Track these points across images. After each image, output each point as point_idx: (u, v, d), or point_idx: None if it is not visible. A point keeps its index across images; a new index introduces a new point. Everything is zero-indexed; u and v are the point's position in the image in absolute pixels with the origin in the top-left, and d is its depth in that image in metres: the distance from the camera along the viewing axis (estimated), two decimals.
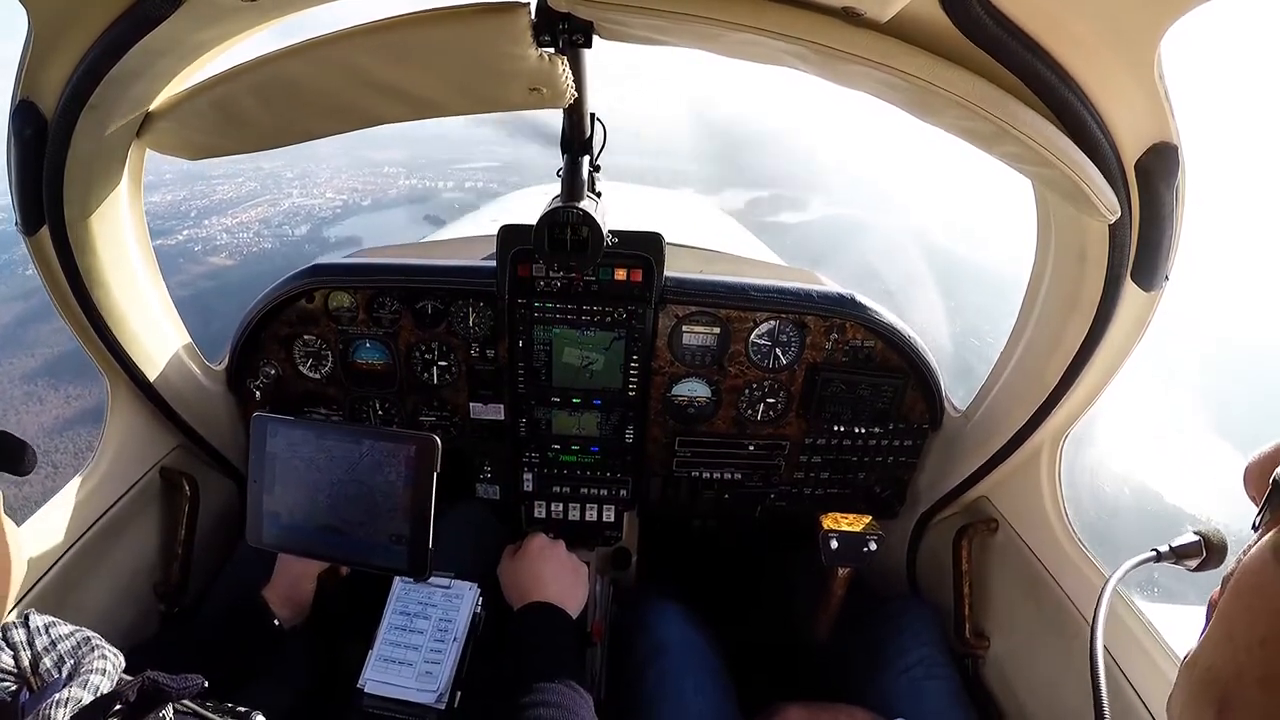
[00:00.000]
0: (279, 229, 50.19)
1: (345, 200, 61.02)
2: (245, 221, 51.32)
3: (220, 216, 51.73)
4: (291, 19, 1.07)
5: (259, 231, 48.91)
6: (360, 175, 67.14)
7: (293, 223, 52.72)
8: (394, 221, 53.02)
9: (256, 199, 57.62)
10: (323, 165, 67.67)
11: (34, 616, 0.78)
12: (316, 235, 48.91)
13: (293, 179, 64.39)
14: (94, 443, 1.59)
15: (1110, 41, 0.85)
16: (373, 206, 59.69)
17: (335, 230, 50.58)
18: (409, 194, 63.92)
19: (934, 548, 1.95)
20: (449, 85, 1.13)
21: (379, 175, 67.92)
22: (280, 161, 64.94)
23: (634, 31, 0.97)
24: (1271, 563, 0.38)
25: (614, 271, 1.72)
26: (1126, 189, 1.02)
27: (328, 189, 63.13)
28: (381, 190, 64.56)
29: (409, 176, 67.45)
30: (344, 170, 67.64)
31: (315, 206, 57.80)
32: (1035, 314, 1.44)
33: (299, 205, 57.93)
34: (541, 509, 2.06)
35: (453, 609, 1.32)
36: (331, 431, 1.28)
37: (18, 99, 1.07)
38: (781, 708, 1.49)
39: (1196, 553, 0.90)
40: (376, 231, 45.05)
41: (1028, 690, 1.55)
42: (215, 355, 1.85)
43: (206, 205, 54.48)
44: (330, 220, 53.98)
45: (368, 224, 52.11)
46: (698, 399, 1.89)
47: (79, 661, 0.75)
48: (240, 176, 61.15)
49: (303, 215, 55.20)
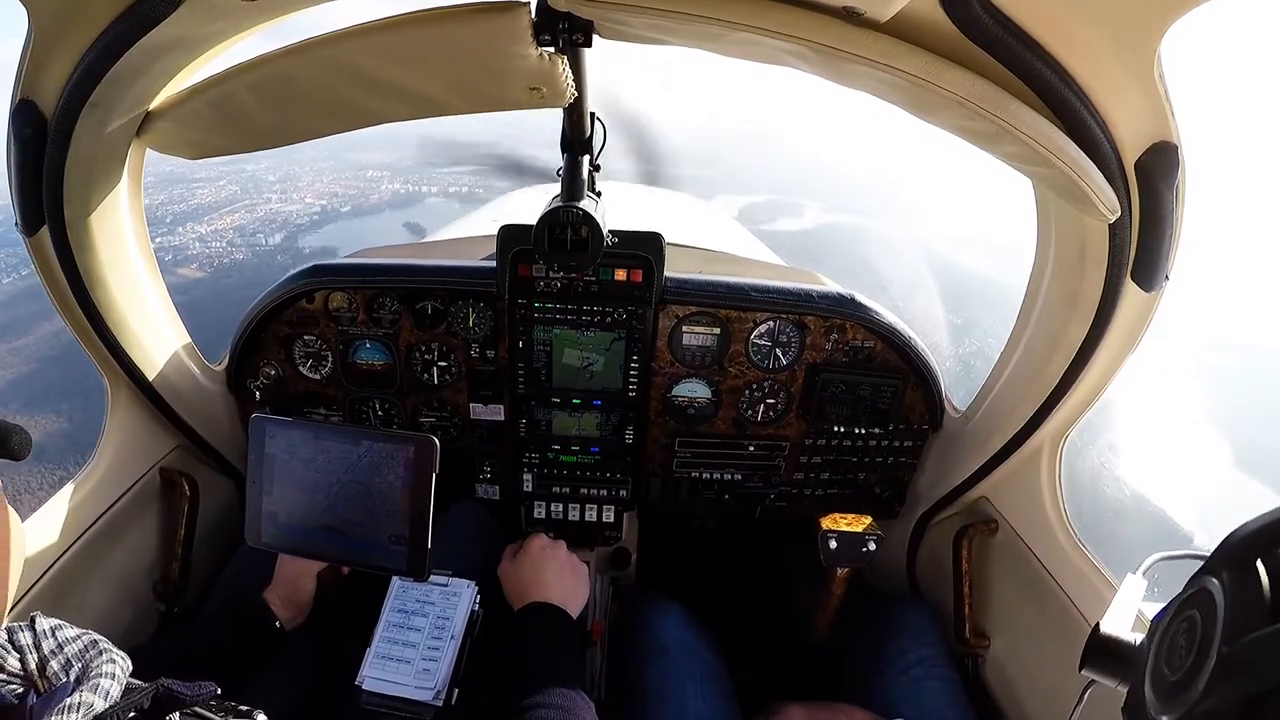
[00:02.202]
0: (253, 237, 49.80)
1: (325, 205, 60.59)
2: (220, 229, 50.92)
3: (195, 223, 51.30)
4: (291, 19, 1.07)
5: (232, 240, 48.51)
6: (343, 179, 66.72)
7: (268, 230, 52.24)
8: (372, 229, 52.67)
9: (235, 204, 57.19)
10: (306, 168, 67.11)
11: (40, 619, 0.78)
12: (291, 244, 48.52)
13: (274, 182, 63.89)
14: (93, 443, 1.59)
15: (1110, 41, 0.85)
16: (352, 213, 59.32)
17: (310, 239, 50.15)
18: (391, 199, 63.52)
19: (934, 548, 1.95)
20: (449, 85, 1.13)
21: (362, 179, 67.53)
22: (264, 164, 64.55)
23: (634, 31, 0.97)
24: None
25: (614, 272, 1.72)
26: (1126, 188, 1.02)
27: (308, 193, 62.72)
28: (363, 195, 64.17)
29: (393, 180, 67.08)
30: (327, 173, 67.20)
31: (293, 213, 57.24)
32: (1035, 314, 1.44)
33: (276, 211, 57.34)
34: (541, 509, 2.05)
35: (450, 607, 1.32)
36: (330, 432, 1.28)
37: (18, 98, 1.07)
38: (781, 708, 1.49)
39: None
40: (353, 240, 44.61)
41: (1028, 690, 1.55)
42: (215, 355, 1.85)
43: (183, 210, 54.02)
44: (307, 228, 53.55)
45: (345, 231, 51.72)
46: (698, 399, 1.89)
47: (87, 665, 0.74)
48: (222, 180, 60.73)
49: (279, 222, 54.71)
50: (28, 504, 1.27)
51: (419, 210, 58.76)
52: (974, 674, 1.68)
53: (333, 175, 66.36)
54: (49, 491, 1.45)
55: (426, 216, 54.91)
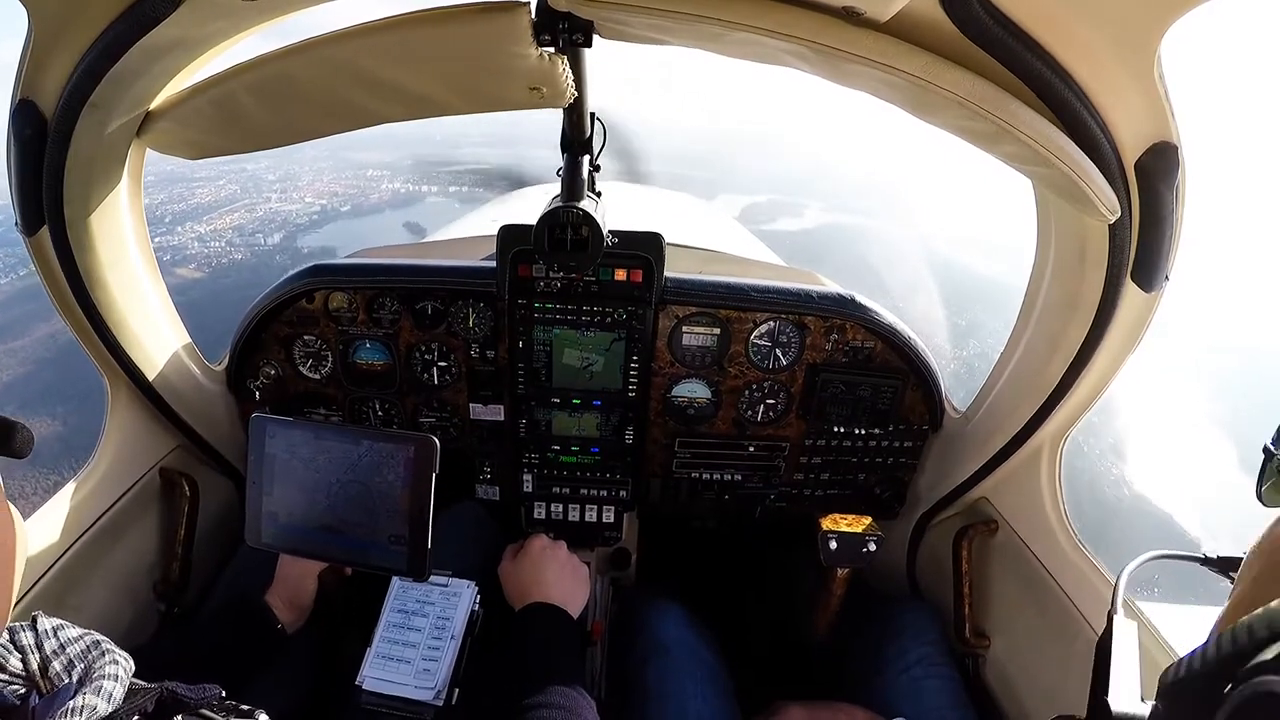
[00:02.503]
0: (252, 237, 49.48)
1: (324, 205, 60.07)
2: (219, 229, 50.52)
3: (195, 223, 50.89)
4: (291, 18, 1.07)
5: (231, 240, 48.11)
6: (343, 178, 66.19)
7: (267, 230, 51.86)
8: (371, 229, 52.04)
9: (235, 203, 56.73)
10: (305, 167, 66.53)
11: (42, 619, 0.78)
12: (290, 244, 48.17)
13: (274, 181, 63.42)
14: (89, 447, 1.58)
15: (1110, 41, 0.85)
16: (352, 212, 58.74)
17: (309, 239, 49.84)
18: (391, 198, 62.97)
19: (934, 548, 1.95)
20: (449, 85, 1.13)
21: (362, 178, 67.03)
22: (264, 163, 64.19)
23: (634, 31, 0.97)
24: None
25: (614, 272, 1.72)
26: (1126, 189, 1.02)
27: (308, 193, 62.24)
28: (363, 194, 63.69)
29: (393, 180, 66.68)
30: (327, 173, 66.67)
31: (292, 212, 56.74)
32: (1035, 314, 1.44)
33: (276, 210, 56.85)
34: (541, 510, 2.05)
35: (450, 607, 1.32)
36: (330, 432, 1.28)
37: (18, 99, 1.07)
38: (781, 707, 1.49)
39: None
40: (352, 240, 44.14)
41: (1028, 690, 1.55)
42: (215, 355, 1.85)
43: (183, 210, 53.51)
44: (306, 228, 53.15)
45: (345, 231, 51.13)
46: (697, 400, 1.89)
47: (89, 666, 0.74)
48: (222, 179, 60.30)
49: (278, 222, 54.30)
50: (23, 509, 1.26)
51: (419, 210, 58.40)
52: (974, 674, 1.68)
53: (332, 174, 65.99)
54: (43, 497, 1.44)
55: (427, 216, 54.50)
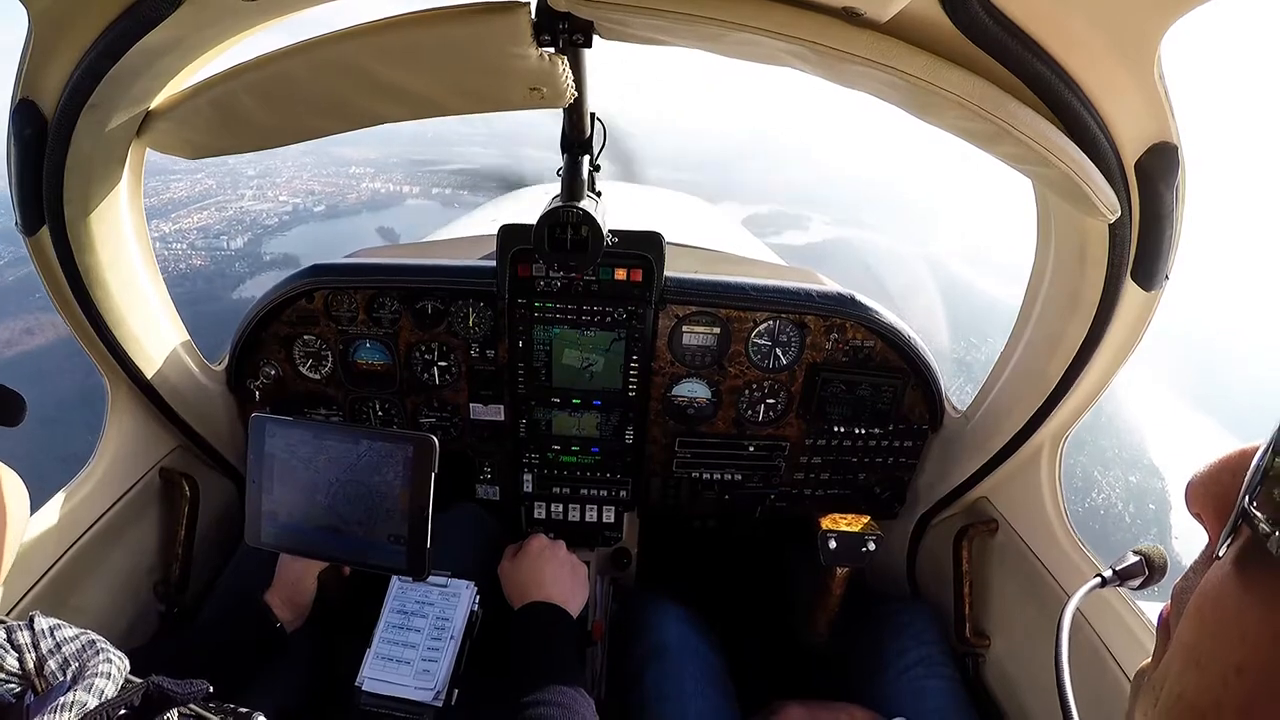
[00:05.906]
0: (216, 239, 47.70)
1: (298, 204, 57.49)
2: (184, 229, 48.73)
3: (162, 220, 48.92)
4: (291, 19, 1.07)
5: (194, 242, 46.34)
6: (323, 175, 64.09)
7: (233, 231, 50.08)
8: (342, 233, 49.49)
9: (206, 200, 54.28)
10: (287, 163, 64.40)
11: (39, 619, 0.78)
12: (254, 249, 46.65)
13: (253, 176, 61.11)
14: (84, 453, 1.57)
15: (1110, 41, 0.85)
16: (325, 214, 56.26)
17: (274, 244, 48.18)
18: (370, 200, 61.20)
19: (934, 548, 1.95)
20: (449, 85, 1.13)
21: (343, 176, 65.20)
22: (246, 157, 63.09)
23: (634, 31, 0.97)
24: (1238, 588, 0.36)
25: (614, 271, 1.72)
26: (1126, 189, 1.02)
27: (284, 190, 59.80)
28: (340, 194, 61.69)
29: (374, 179, 65.18)
30: (308, 169, 64.59)
31: (263, 213, 54.81)
32: (1035, 314, 1.44)
33: (246, 210, 54.93)
34: (541, 510, 2.05)
35: (449, 607, 1.32)
36: (329, 432, 1.28)
37: (18, 98, 1.07)
38: (781, 707, 1.49)
39: (1139, 572, 0.88)
40: (319, 248, 41.79)
41: (1028, 689, 1.55)
42: (215, 355, 1.85)
43: (153, 205, 50.76)
44: (274, 230, 51.48)
45: (313, 236, 48.78)
46: (698, 400, 1.89)
47: (84, 665, 0.74)
48: (200, 173, 57.70)
49: (246, 223, 52.50)
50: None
51: (395, 213, 56.82)
52: (974, 674, 1.68)
53: (313, 170, 64.04)
54: (35, 506, 1.43)
55: (403, 219, 52.50)
